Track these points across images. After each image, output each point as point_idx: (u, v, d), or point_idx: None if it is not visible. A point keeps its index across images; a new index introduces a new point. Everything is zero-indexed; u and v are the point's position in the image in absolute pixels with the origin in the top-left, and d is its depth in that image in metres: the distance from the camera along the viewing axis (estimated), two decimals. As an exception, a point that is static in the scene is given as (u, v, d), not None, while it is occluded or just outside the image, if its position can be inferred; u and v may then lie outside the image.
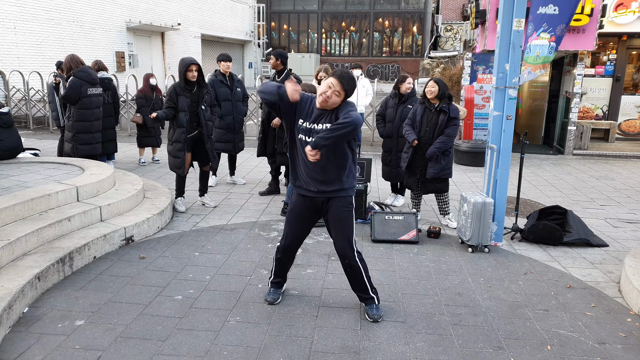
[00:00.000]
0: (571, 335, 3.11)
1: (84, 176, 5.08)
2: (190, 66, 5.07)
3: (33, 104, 11.88)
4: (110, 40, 16.25)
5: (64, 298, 3.44)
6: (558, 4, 4.41)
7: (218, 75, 6.25)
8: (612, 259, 4.42)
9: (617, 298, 3.65)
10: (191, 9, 20.91)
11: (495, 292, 3.69)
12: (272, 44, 29.46)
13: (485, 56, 9.52)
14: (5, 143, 5.68)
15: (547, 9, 4.41)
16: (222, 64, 6.21)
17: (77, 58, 6.09)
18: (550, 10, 4.41)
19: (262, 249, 4.46)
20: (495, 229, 4.57)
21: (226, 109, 6.23)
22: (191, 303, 3.41)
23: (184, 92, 5.14)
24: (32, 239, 3.83)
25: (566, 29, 4.50)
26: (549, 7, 4.40)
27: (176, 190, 5.59)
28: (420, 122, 5.01)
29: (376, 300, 3.28)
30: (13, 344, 2.87)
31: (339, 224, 3.14)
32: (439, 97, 4.90)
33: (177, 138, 5.20)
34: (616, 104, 10.66)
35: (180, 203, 5.53)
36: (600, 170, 8.44)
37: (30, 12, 13.26)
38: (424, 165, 5.05)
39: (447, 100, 4.93)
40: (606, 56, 10.60)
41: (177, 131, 5.20)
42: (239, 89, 6.47)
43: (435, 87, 4.88)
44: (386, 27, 28.82)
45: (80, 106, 6.00)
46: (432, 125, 4.94)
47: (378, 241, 4.68)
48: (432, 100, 4.95)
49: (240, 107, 6.48)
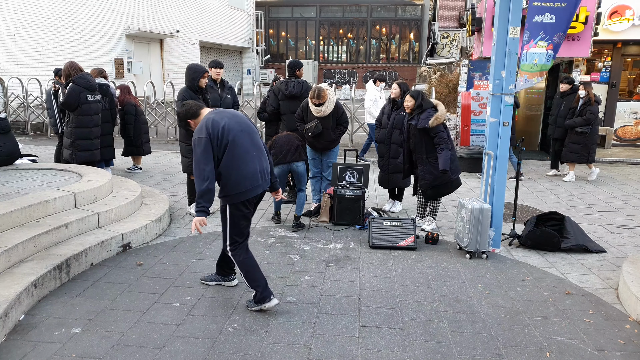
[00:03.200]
0: (570, 342, 3.11)
1: (82, 183, 5.07)
2: (205, 73, 5.31)
3: (31, 111, 11.88)
4: (109, 47, 16.30)
5: (61, 305, 3.42)
6: (555, 13, 4.43)
7: (209, 81, 6.27)
8: (610, 265, 4.42)
9: (616, 304, 3.65)
10: (190, 16, 21.00)
11: (494, 299, 3.69)
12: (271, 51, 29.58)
13: (482, 63, 9.57)
14: (2, 149, 5.68)
15: (543, 17, 4.43)
16: (212, 70, 6.23)
17: (76, 65, 6.10)
18: (547, 18, 4.43)
19: (259, 255, 4.44)
20: (493, 235, 4.58)
21: None
22: (188, 310, 3.40)
23: (197, 96, 5.28)
24: (29, 245, 3.82)
25: (564, 37, 4.52)
26: (546, 15, 4.43)
27: (189, 195, 5.60)
28: (407, 131, 5.08)
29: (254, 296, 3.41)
30: (9, 352, 2.84)
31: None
32: (415, 108, 4.96)
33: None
34: (612, 111, 10.72)
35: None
36: (597, 175, 8.46)
37: (30, 19, 13.31)
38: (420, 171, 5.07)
39: (419, 110, 4.91)
40: (601, 63, 10.67)
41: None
42: (229, 96, 6.44)
43: (412, 101, 4.95)
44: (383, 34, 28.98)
45: (79, 112, 6.00)
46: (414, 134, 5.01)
47: (376, 247, 4.68)
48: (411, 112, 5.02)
49: None
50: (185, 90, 5.28)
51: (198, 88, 5.28)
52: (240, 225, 3.36)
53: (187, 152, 5.35)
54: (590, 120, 7.54)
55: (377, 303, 3.56)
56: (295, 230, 5.13)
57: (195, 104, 3.46)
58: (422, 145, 4.92)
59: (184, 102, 3.62)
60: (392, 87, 5.69)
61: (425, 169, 4.95)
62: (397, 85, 5.66)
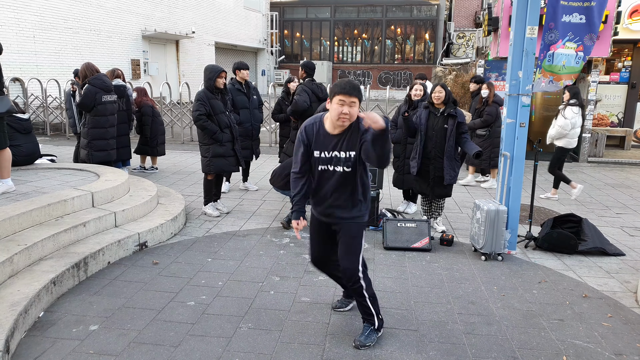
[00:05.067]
0: (587, 345, 3.06)
1: (99, 182, 5.15)
2: (222, 73, 5.33)
3: (50, 111, 12.10)
4: (126, 49, 16.51)
5: (79, 303, 3.48)
6: (584, 13, 4.26)
7: (235, 84, 6.33)
8: (629, 268, 4.35)
9: (635, 308, 3.58)
10: (205, 17, 21.17)
11: (509, 301, 3.65)
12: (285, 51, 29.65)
13: (498, 63, 9.47)
14: (23, 149, 5.79)
15: (572, 17, 4.25)
16: (241, 72, 6.30)
17: (93, 66, 6.20)
18: (576, 19, 4.25)
19: (274, 255, 4.47)
20: (509, 237, 4.53)
21: (244, 116, 6.33)
22: (203, 309, 3.43)
23: (215, 96, 5.34)
24: (48, 244, 3.89)
25: (596, 38, 4.33)
26: (574, 15, 4.24)
27: (205, 195, 5.66)
28: (425, 126, 5.01)
29: (376, 325, 3.07)
30: (28, 348, 2.91)
31: (348, 242, 3.01)
32: (445, 102, 4.90)
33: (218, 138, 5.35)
34: (632, 111, 10.52)
35: (213, 207, 5.65)
36: (616, 177, 8.32)
37: (49, 21, 13.55)
38: (435, 169, 5.01)
39: (453, 105, 4.94)
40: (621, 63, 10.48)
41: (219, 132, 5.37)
42: (255, 97, 6.56)
43: (443, 92, 4.89)
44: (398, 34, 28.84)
45: (95, 113, 6.09)
46: (439, 129, 4.92)
47: (390, 249, 4.66)
48: (438, 105, 4.95)
49: (257, 114, 6.59)
50: (203, 91, 5.33)
51: (215, 88, 5.32)
52: None
53: (205, 152, 5.41)
54: (488, 121, 7.09)
55: (391, 304, 3.55)
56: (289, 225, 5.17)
57: None
58: (452, 140, 4.90)
59: None
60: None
61: (452, 164, 4.95)
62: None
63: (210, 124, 5.28)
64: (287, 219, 5.26)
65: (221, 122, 5.36)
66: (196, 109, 5.26)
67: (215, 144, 5.37)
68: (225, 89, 5.47)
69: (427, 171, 5.06)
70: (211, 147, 5.38)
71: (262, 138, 11.71)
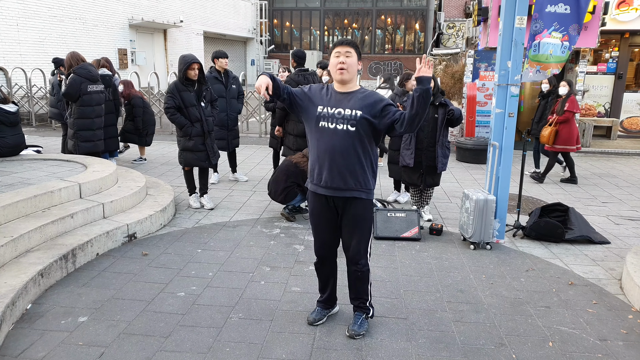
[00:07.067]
0: (573, 331, 3.12)
1: (87, 173, 5.09)
2: (192, 64, 5.08)
3: (35, 101, 11.90)
4: (113, 38, 16.25)
5: (67, 295, 3.45)
6: (569, 3, 4.31)
7: (213, 72, 6.24)
8: (614, 256, 4.42)
9: (619, 295, 3.65)
10: (194, 6, 20.88)
11: (497, 289, 3.70)
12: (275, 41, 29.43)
13: (488, 53, 9.50)
14: (9, 140, 5.69)
15: (557, 7, 4.30)
16: (219, 61, 6.20)
17: (78, 55, 6.09)
18: (561, 9, 4.30)
19: (264, 245, 4.47)
20: (498, 226, 4.58)
21: (220, 105, 6.14)
22: (194, 300, 3.42)
23: (187, 88, 5.16)
24: (35, 235, 3.85)
25: (580, 29, 4.38)
26: (559, 5, 4.29)
27: (187, 186, 5.61)
28: None
29: (370, 313, 3.10)
30: (16, 341, 2.88)
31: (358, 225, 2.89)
32: (434, 92, 4.92)
33: (187, 132, 5.23)
34: (618, 102, 10.64)
35: (195, 199, 5.59)
36: (602, 167, 8.43)
37: (33, 9, 13.27)
38: (427, 159, 5.04)
39: (441, 95, 4.99)
40: (608, 53, 10.57)
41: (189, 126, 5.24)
42: (234, 86, 6.44)
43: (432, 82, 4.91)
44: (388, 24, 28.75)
45: (81, 103, 6.00)
46: (430, 119, 4.95)
47: (380, 238, 4.68)
48: None
49: (234, 104, 6.46)
50: (174, 83, 5.16)
51: (187, 79, 5.13)
52: None
53: (178, 144, 5.32)
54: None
55: (381, 293, 3.58)
56: (290, 215, 5.15)
57: None
58: (442, 126, 4.96)
59: None
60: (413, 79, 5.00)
61: (443, 152, 5.01)
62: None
63: (179, 117, 5.14)
64: (288, 210, 5.23)
65: (192, 115, 5.18)
66: (165, 101, 5.15)
67: (184, 137, 5.26)
68: (200, 80, 5.22)
69: (419, 162, 5.08)
70: (182, 140, 5.30)
71: (252, 128, 11.70)
